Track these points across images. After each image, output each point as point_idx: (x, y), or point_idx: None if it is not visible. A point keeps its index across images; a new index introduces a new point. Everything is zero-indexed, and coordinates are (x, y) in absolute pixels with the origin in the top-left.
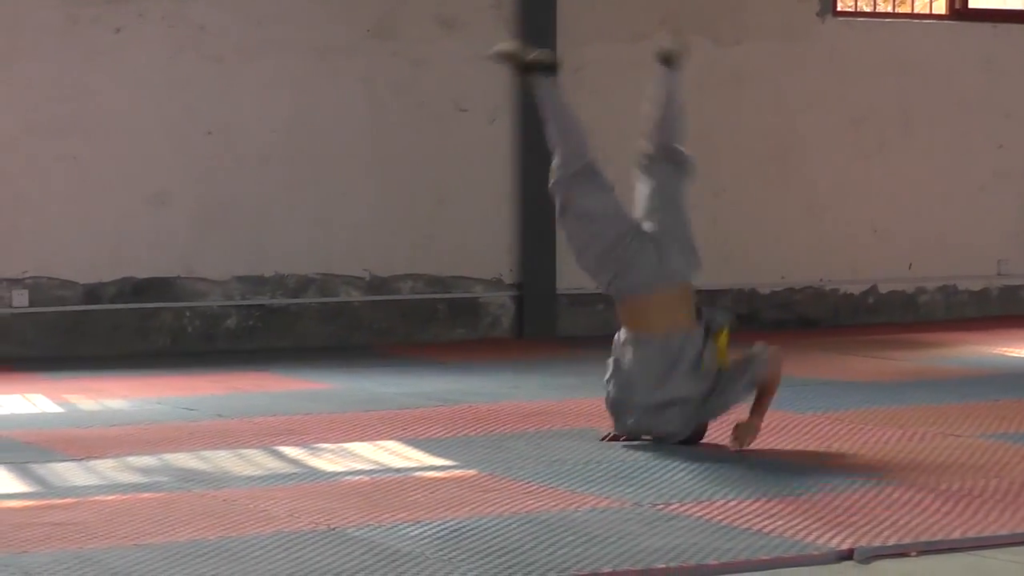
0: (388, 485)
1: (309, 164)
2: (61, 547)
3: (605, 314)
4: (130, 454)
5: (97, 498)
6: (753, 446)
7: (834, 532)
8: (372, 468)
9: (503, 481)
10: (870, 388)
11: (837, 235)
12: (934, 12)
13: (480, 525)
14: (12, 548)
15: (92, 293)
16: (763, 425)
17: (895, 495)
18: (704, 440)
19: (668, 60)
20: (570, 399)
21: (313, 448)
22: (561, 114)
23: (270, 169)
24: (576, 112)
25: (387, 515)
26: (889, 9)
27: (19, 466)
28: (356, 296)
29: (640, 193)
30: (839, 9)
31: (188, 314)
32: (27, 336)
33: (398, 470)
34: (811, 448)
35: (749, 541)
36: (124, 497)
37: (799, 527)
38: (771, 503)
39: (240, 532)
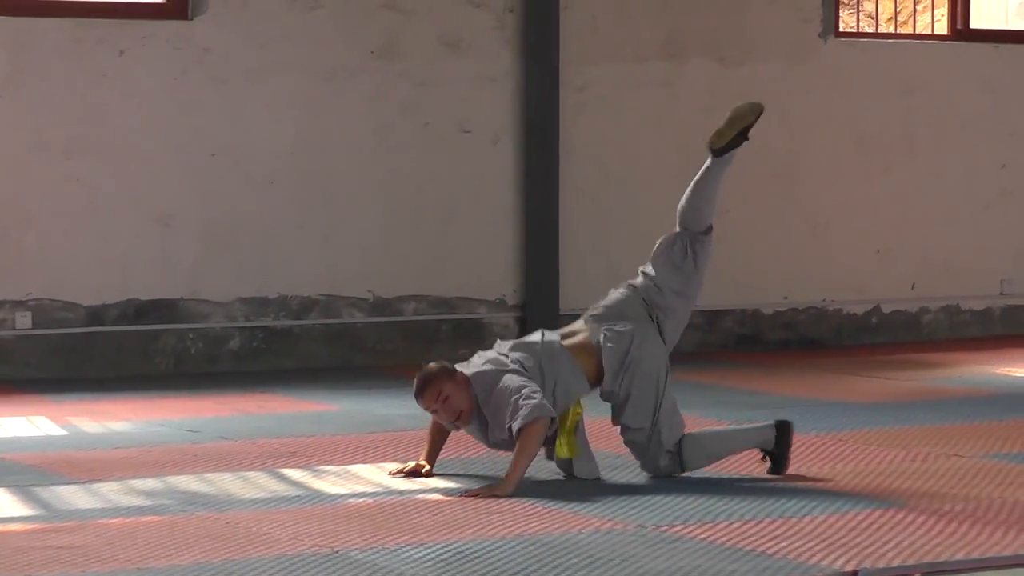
0: (392, 508)
1: (313, 185)
2: (64, 571)
3: None
4: (133, 477)
5: (100, 521)
6: (756, 468)
7: (838, 554)
8: (375, 490)
9: (506, 503)
10: (873, 408)
11: (840, 255)
12: (936, 33)
13: (484, 547)
14: (15, 572)
15: (95, 315)
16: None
17: (899, 516)
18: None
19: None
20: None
21: (316, 470)
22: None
23: (275, 190)
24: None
25: (390, 538)
26: (891, 30)
27: (22, 489)
28: (360, 317)
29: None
30: (841, 30)
31: (191, 336)
32: (30, 358)
33: (401, 492)
34: (815, 469)
35: (753, 563)
36: (127, 520)
37: (803, 549)
38: (775, 524)
39: (243, 555)
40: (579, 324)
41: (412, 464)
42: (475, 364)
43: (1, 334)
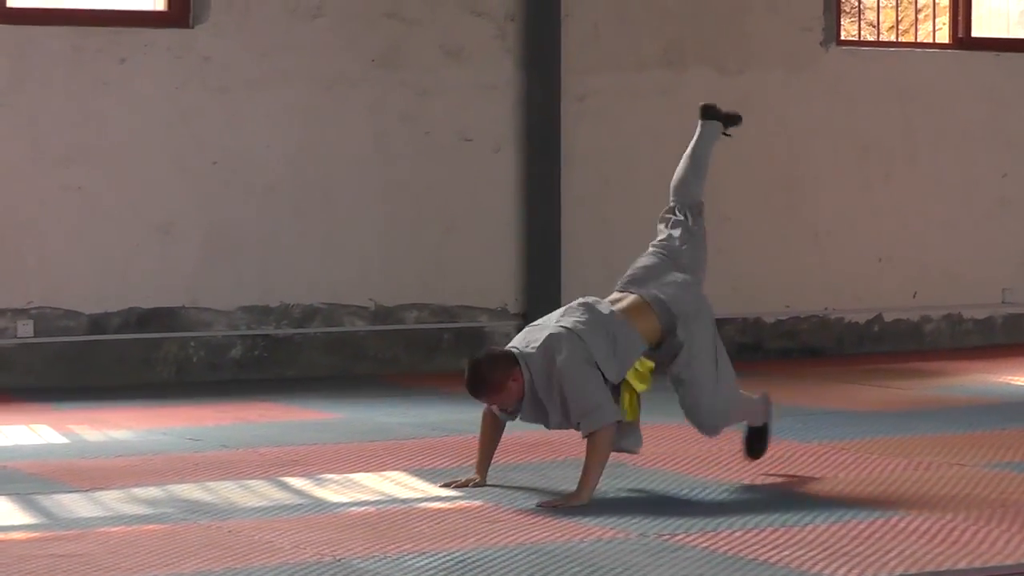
0: (393, 516)
1: (315, 194)
2: None
3: None
4: (135, 485)
5: (102, 530)
6: (759, 476)
7: (840, 563)
8: (377, 499)
9: (508, 512)
10: (875, 417)
11: (842, 264)
12: (937, 41)
13: (486, 556)
14: None
15: (97, 323)
16: (768, 454)
17: (901, 525)
18: (705, 471)
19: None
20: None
21: (318, 479)
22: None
23: (276, 199)
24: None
25: (392, 546)
26: (892, 38)
27: (24, 497)
28: (361, 326)
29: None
30: (842, 39)
31: (193, 344)
32: (32, 366)
33: (403, 501)
34: (817, 478)
35: (755, 572)
36: (129, 528)
37: (805, 557)
38: (777, 533)
39: (245, 563)
40: (616, 295)
41: (464, 479)
42: (534, 343)
43: (3, 342)
